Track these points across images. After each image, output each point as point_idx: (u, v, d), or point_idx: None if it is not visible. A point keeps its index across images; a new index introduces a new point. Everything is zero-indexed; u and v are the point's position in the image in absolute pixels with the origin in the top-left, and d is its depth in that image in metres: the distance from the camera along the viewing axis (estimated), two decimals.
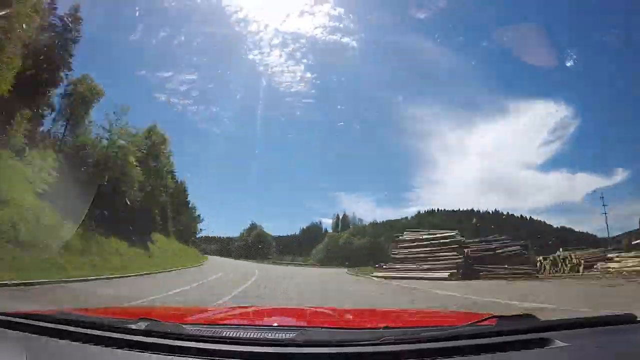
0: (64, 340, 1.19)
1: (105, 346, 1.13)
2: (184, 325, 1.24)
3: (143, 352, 1.08)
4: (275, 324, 1.81)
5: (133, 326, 1.21)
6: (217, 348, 1.08)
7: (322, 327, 1.46)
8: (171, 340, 1.12)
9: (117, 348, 1.11)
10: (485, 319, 1.24)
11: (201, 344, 1.10)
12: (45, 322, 1.32)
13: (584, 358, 1.10)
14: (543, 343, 1.10)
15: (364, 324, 1.88)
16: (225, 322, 1.73)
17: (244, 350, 1.06)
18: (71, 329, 1.25)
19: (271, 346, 1.09)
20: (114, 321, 1.30)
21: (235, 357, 1.04)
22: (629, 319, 1.31)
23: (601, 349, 1.13)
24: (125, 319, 1.36)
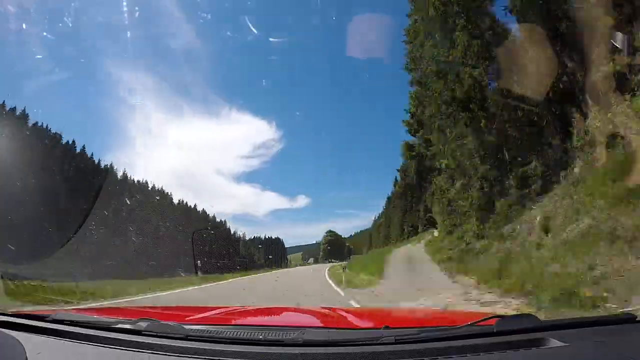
0: (64, 340, 1.19)
1: (105, 346, 1.13)
2: (184, 325, 1.24)
3: (143, 352, 1.08)
4: (276, 324, 1.81)
5: (133, 326, 1.21)
6: (217, 348, 1.08)
7: (322, 327, 1.46)
8: (171, 340, 1.12)
9: (117, 348, 1.11)
10: (485, 319, 1.24)
11: (201, 343, 1.10)
12: (45, 322, 1.32)
13: (583, 358, 1.10)
14: (543, 343, 1.10)
15: (364, 324, 1.89)
16: (225, 322, 1.73)
17: (244, 350, 1.06)
18: (71, 329, 1.25)
19: (271, 346, 1.09)
20: (113, 321, 1.30)
21: (235, 357, 1.04)
22: (629, 319, 1.31)
23: (601, 349, 1.13)
24: (125, 319, 1.35)
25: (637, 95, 7.91)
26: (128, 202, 34.47)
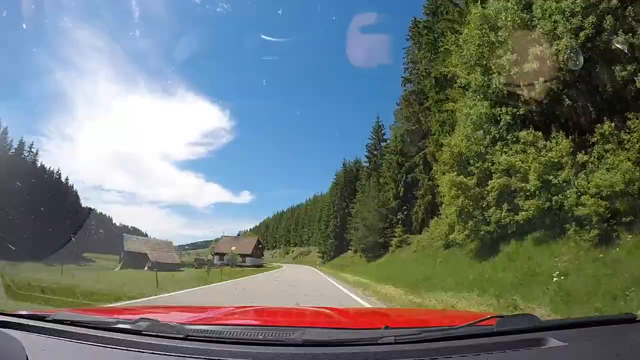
0: (64, 340, 1.19)
1: (105, 346, 1.13)
2: (184, 325, 1.24)
3: (143, 352, 1.08)
4: (276, 324, 1.81)
5: (133, 326, 1.21)
6: (217, 348, 1.08)
7: (322, 327, 1.46)
8: (171, 340, 1.12)
9: (117, 348, 1.11)
10: (485, 319, 1.24)
11: (201, 343, 1.10)
12: (45, 322, 1.32)
13: (583, 358, 1.10)
14: (542, 343, 1.10)
15: (364, 324, 1.88)
16: (225, 322, 1.73)
17: (244, 350, 1.06)
18: (71, 329, 1.25)
19: (271, 346, 1.09)
20: (113, 321, 1.30)
21: (235, 357, 1.04)
22: (629, 319, 1.31)
23: (601, 349, 1.13)
24: (125, 319, 1.36)
25: None
26: None
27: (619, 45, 7.65)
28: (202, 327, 1.26)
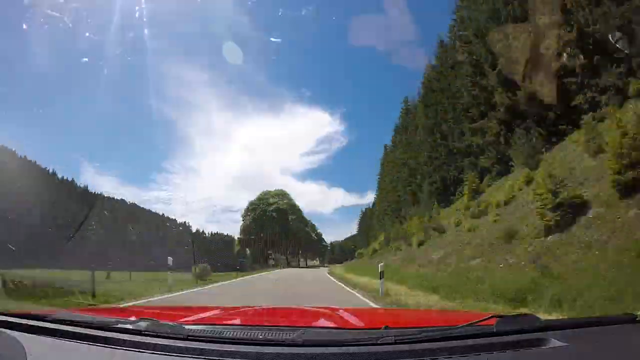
0: (64, 340, 1.19)
1: (105, 346, 1.13)
2: (184, 325, 1.24)
3: (143, 352, 1.08)
4: (276, 324, 1.81)
5: (133, 326, 1.21)
6: (217, 348, 1.08)
7: (322, 327, 1.46)
8: (171, 340, 1.12)
9: (117, 348, 1.11)
10: (485, 319, 1.24)
11: (201, 344, 1.10)
12: (45, 322, 1.32)
13: (583, 358, 1.10)
14: (542, 343, 1.10)
15: (364, 324, 1.88)
16: (225, 322, 1.73)
17: (244, 350, 1.06)
18: (71, 328, 1.25)
19: (271, 346, 1.09)
20: (113, 321, 1.30)
21: (235, 357, 1.04)
22: (629, 319, 1.31)
23: (601, 349, 1.13)
24: (125, 319, 1.36)
25: None
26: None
27: None
28: (202, 327, 1.26)
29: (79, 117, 66.82)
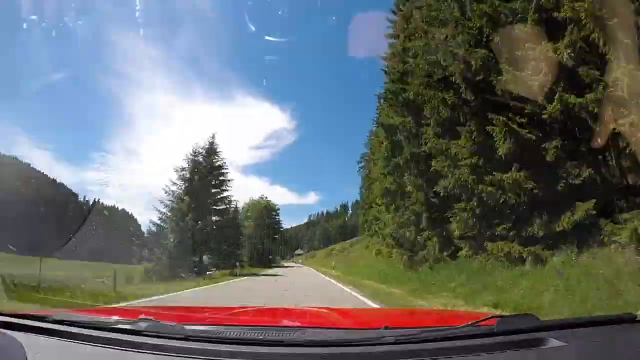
0: (64, 340, 1.19)
1: (105, 346, 1.13)
2: (184, 326, 1.24)
3: (143, 352, 1.08)
4: (276, 324, 1.81)
5: (133, 326, 1.21)
6: (217, 348, 1.08)
7: (322, 327, 1.46)
8: (171, 341, 1.12)
9: (117, 348, 1.11)
10: (485, 319, 1.24)
11: (201, 344, 1.10)
12: (45, 322, 1.32)
13: (583, 358, 1.10)
14: (542, 343, 1.10)
15: (364, 324, 1.88)
16: (225, 322, 1.73)
17: (245, 350, 1.06)
18: (71, 329, 1.25)
19: (272, 346, 1.09)
20: (113, 321, 1.30)
21: (235, 357, 1.04)
22: (629, 319, 1.31)
23: (601, 349, 1.13)
24: (125, 319, 1.35)
25: None
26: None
27: None
28: (202, 327, 1.26)
29: (14, 77, 59.65)
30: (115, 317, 1.44)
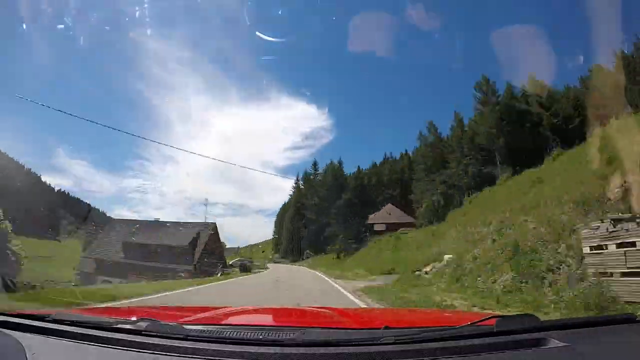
0: (64, 340, 1.19)
1: (105, 346, 1.13)
2: (184, 325, 1.24)
3: (143, 352, 1.08)
4: (276, 324, 1.81)
5: (133, 326, 1.21)
6: (217, 348, 1.08)
7: (322, 327, 1.46)
8: (171, 340, 1.12)
9: (117, 348, 1.11)
10: (485, 319, 1.24)
11: (201, 344, 1.10)
12: (45, 322, 1.32)
13: (583, 358, 1.10)
14: (543, 343, 1.11)
15: (364, 324, 1.88)
16: (225, 322, 1.73)
17: (244, 350, 1.06)
18: (71, 328, 1.25)
19: (271, 346, 1.09)
20: (113, 321, 1.30)
21: (235, 357, 1.04)
22: (629, 319, 1.31)
23: (601, 349, 1.13)
24: (125, 319, 1.35)
25: None
26: None
27: None
28: (202, 327, 1.26)
29: (50, 92, 62.66)
30: (115, 317, 1.44)
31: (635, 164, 7.68)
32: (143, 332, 1.17)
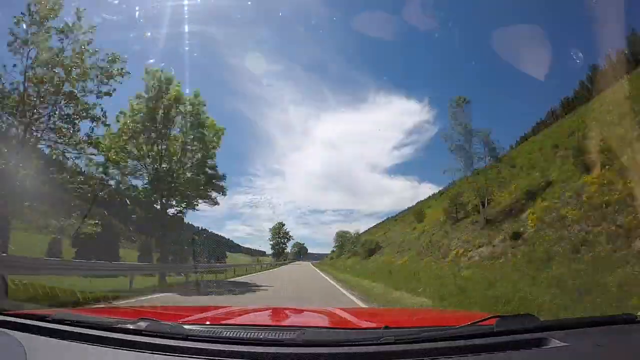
0: (63, 340, 1.19)
1: (105, 346, 1.13)
2: (184, 325, 1.24)
3: (143, 352, 1.08)
4: (276, 324, 1.81)
5: (133, 326, 1.21)
6: (217, 348, 1.08)
7: (322, 327, 1.46)
8: (171, 340, 1.12)
9: (117, 348, 1.11)
10: (485, 319, 1.24)
11: (201, 344, 1.10)
12: (45, 322, 1.32)
13: (583, 358, 1.10)
14: (543, 343, 1.10)
15: (364, 324, 1.88)
16: (225, 322, 1.73)
17: (244, 350, 1.06)
18: (71, 329, 1.25)
19: (271, 346, 1.09)
20: (113, 321, 1.30)
21: (235, 357, 1.04)
22: (629, 319, 1.31)
23: (601, 349, 1.13)
24: (125, 319, 1.35)
25: None
26: None
27: None
28: (202, 327, 1.26)
29: None
30: (116, 317, 1.44)
31: None
32: (143, 332, 1.17)
